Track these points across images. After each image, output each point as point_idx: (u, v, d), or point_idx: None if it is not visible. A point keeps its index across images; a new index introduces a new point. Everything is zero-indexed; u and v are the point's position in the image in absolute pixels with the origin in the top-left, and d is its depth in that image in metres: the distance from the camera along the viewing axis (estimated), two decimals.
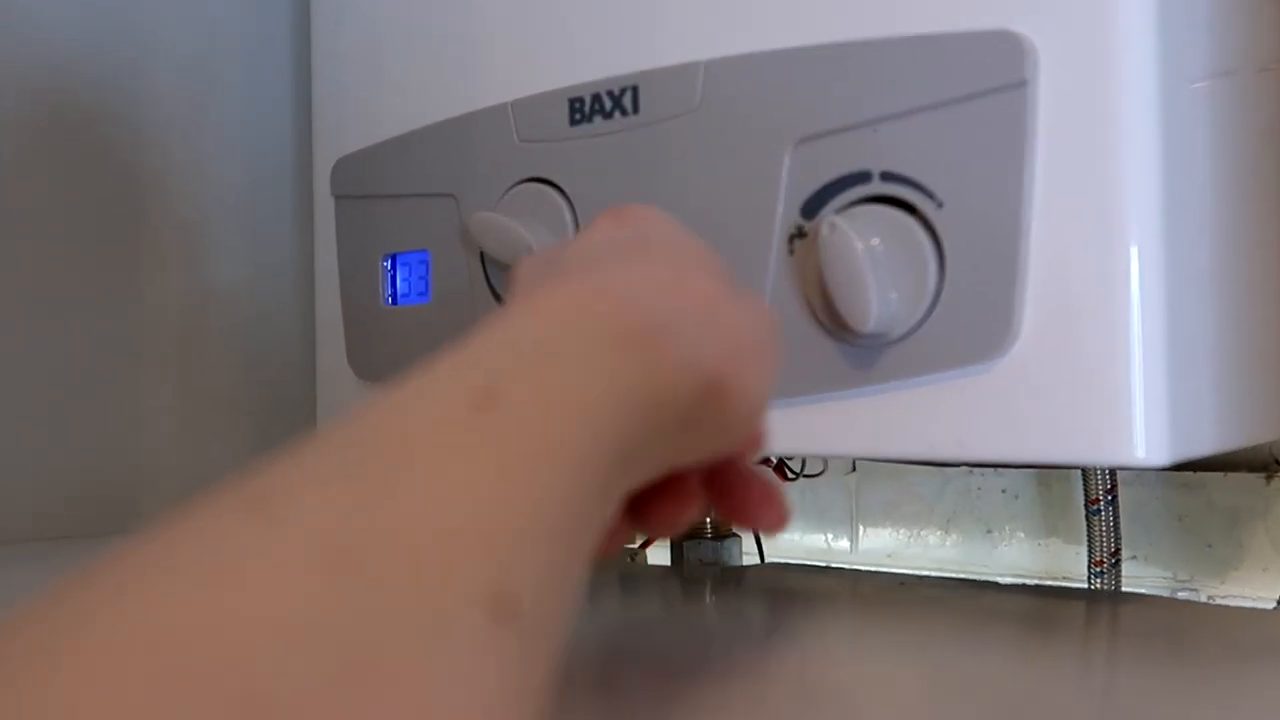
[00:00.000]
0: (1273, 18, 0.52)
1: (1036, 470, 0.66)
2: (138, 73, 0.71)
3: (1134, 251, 0.39)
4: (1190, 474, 0.61)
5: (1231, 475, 0.60)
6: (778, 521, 0.34)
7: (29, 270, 0.66)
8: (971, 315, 0.41)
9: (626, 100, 0.49)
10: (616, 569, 0.61)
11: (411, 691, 0.18)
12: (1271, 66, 0.52)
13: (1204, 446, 0.42)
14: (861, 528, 0.73)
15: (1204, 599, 0.61)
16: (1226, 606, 0.50)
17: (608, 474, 0.24)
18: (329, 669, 0.17)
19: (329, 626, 0.17)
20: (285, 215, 0.77)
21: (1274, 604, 0.50)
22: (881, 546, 0.72)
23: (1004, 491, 0.67)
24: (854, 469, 0.73)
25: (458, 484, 0.21)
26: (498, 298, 0.53)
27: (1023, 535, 0.67)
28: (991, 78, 0.40)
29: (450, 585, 0.19)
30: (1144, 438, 0.38)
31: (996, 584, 0.53)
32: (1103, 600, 0.53)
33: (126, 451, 0.70)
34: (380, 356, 0.59)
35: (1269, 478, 0.59)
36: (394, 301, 0.59)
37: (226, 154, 0.75)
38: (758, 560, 0.71)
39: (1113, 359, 0.39)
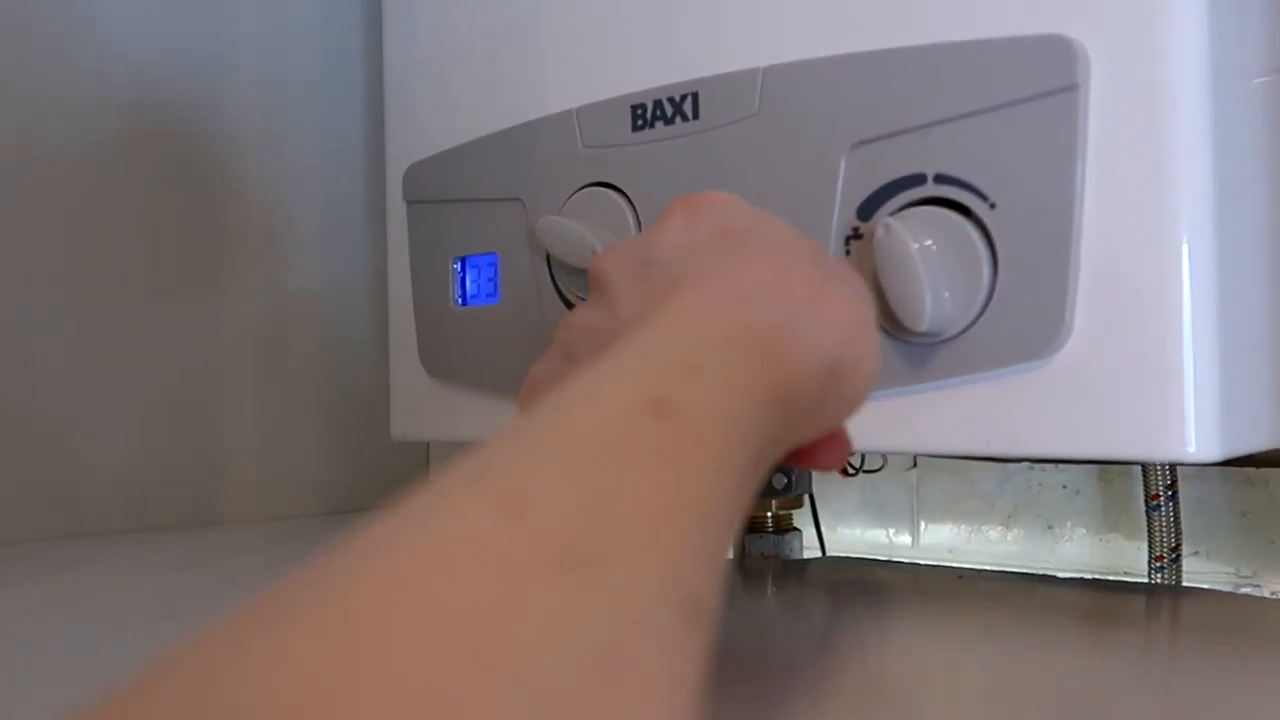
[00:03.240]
0: None
1: (1097, 466, 0.66)
2: (217, 87, 0.74)
3: (1185, 248, 0.39)
4: (1252, 470, 0.61)
5: None
6: (840, 455, 0.36)
7: (115, 281, 0.69)
8: (1024, 313, 0.42)
9: (687, 106, 0.50)
10: None
11: (649, 685, 0.19)
12: None
13: (1258, 441, 0.43)
14: (922, 523, 0.74)
15: (1267, 595, 0.61)
16: None
17: (756, 464, 0.27)
18: (588, 659, 0.18)
19: (583, 618, 0.19)
20: (358, 222, 0.80)
21: None
22: (942, 542, 0.73)
23: (1064, 487, 0.67)
24: (915, 465, 0.73)
25: (662, 488, 0.23)
26: (563, 298, 0.55)
27: (1084, 531, 0.67)
28: (1043, 82, 0.41)
29: (665, 591, 0.21)
30: (1195, 433, 0.39)
31: (1055, 578, 0.54)
32: (1163, 594, 0.54)
33: (209, 450, 0.73)
34: (451, 355, 0.61)
35: None
36: (464, 302, 0.61)
37: (303, 163, 0.78)
38: (819, 554, 0.72)
39: (1164, 355, 0.39)
